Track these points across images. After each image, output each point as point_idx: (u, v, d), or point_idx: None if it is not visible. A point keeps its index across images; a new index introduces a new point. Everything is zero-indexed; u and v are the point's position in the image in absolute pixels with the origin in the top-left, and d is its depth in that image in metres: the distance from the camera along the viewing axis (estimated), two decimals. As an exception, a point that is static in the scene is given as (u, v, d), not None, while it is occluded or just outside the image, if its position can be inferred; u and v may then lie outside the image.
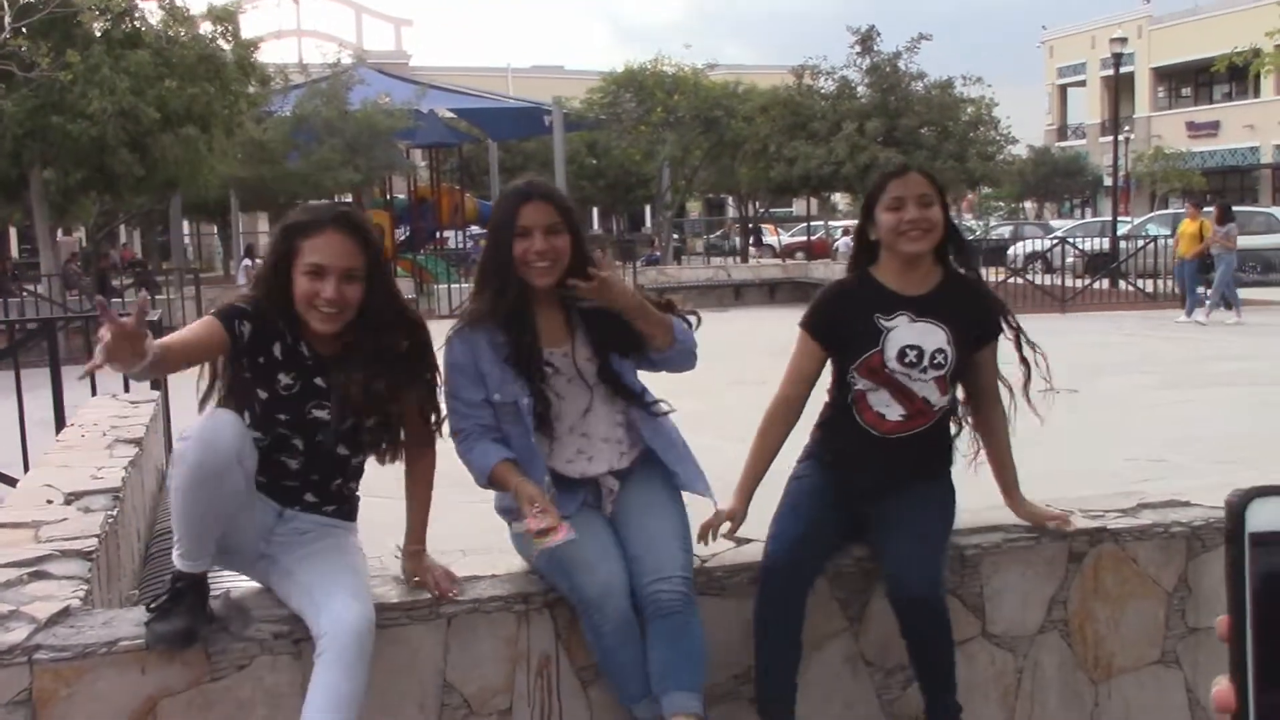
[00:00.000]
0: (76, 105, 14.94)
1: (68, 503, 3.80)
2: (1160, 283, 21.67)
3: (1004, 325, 3.31)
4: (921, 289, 3.27)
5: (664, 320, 3.08)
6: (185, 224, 33.86)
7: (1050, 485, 7.24)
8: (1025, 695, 3.37)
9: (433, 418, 3.07)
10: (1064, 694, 3.41)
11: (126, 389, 6.91)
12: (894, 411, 3.22)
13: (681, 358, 3.15)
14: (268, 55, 19.78)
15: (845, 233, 37.34)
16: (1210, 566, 3.48)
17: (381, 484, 3.18)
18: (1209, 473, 7.64)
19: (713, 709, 2.98)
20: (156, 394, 6.35)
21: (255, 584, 3.04)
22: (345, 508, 3.07)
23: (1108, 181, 47.64)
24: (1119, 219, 27.29)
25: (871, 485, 3.24)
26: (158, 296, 17.36)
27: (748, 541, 3.30)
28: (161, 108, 14.73)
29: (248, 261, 25.81)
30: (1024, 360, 3.32)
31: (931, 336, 3.20)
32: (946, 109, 26.66)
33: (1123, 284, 22.05)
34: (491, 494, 3.15)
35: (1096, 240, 25.23)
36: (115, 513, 3.78)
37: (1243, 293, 20.36)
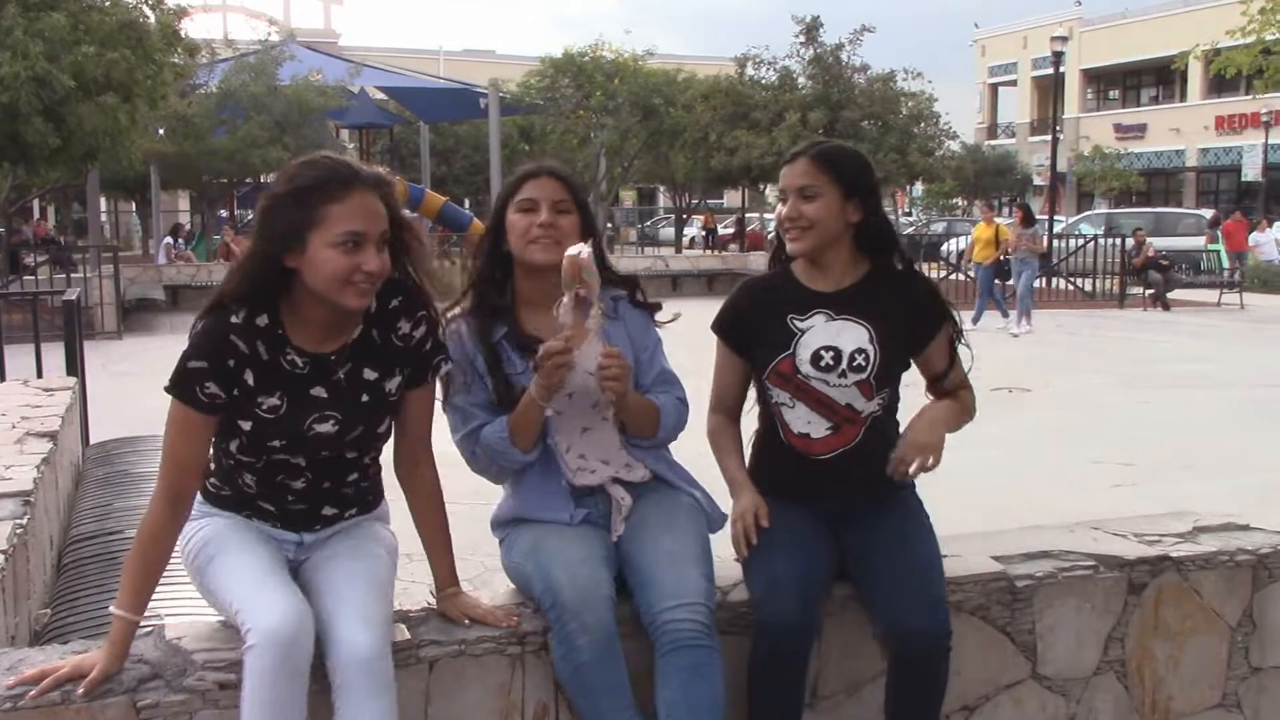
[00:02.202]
0: (-13, 70, 14.08)
1: (-32, 509, 3.27)
2: (1098, 281, 21.71)
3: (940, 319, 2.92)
4: (840, 283, 2.89)
5: (650, 410, 2.77)
6: (103, 200, 32.76)
7: (1018, 490, 7.08)
8: (1075, 743, 2.98)
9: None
10: (1118, 742, 3.03)
11: (39, 373, 6.34)
12: (818, 427, 2.84)
13: (661, 444, 2.86)
14: (194, 29, 18.99)
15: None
16: (1276, 599, 3.12)
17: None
18: (1184, 479, 7.44)
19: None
20: (73, 380, 5.78)
21: (194, 615, 2.57)
22: (369, 499, 2.64)
23: (1037, 180, 48.33)
24: (1044, 219, 27.47)
25: (838, 511, 2.86)
26: (73, 274, 16.56)
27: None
28: (78, 75, 13.89)
29: (169, 240, 25.00)
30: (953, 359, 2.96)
31: (850, 335, 2.82)
32: (888, 102, 26.57)
33: (1059, 282, 22.07)
34: (481, 510, 2.77)
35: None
36: (25, 521, 3.27)
37: (1176, 294, 20.58)
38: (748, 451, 3.02)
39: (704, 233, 39.04)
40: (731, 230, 38.03)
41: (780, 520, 2.77)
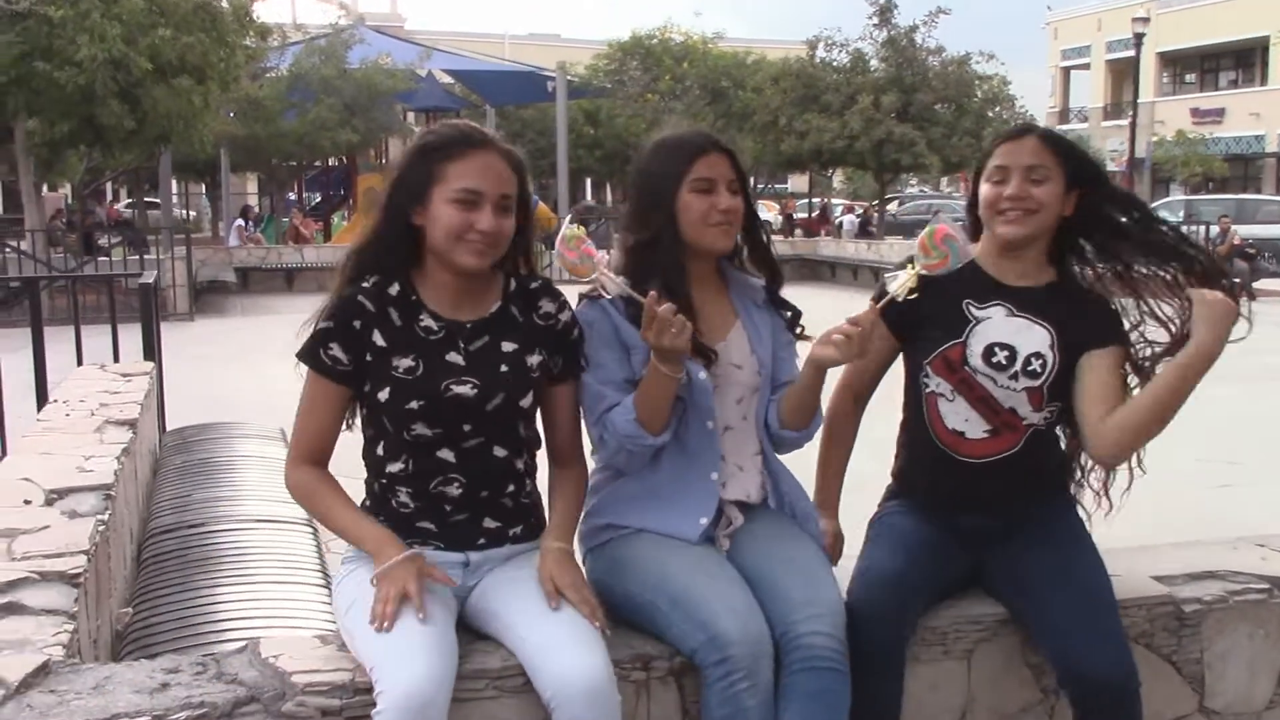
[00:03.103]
0: (64, 52, 14.10)
1: (49, 503, 3.12)
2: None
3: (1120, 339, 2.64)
4: (1027, 281, 2.66)
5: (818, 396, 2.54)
6: (174, 183, 33.08)
7: (1122, 484, 6.72)
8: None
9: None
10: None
11: (116, 358, 6.24)
12: (975, 427, 2.61)
13: (791, 446, 2.63)
14: (265, 13, 19.05)
15: (847, 210, 36.78)
16: None
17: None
18: (1296, 479, 7.08)
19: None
20: (150, 365, 5.66)
21: (295, 630, 2.39)
22: (531, 520, 2.50)
23: (1111, 166, 47.33)
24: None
25: (980, 527, 2.63)
26: (146, 256, 16.64)
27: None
28: (154, 57, 13.92)
29: (240, 222, 25.14)
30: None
31: (1029, 336, 2.59)
32: (963, 85, 26.02)
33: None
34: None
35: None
36: (107, 516, 3.11)
37: (1262, 284, 19.88)
38: (889, 451, 2.80)
39: (781, 218, 38.26)
40: (810, 215, 37.31)
41: (890, 536, 2.59)
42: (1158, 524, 6.16)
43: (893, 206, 35.84)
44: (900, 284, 2.42)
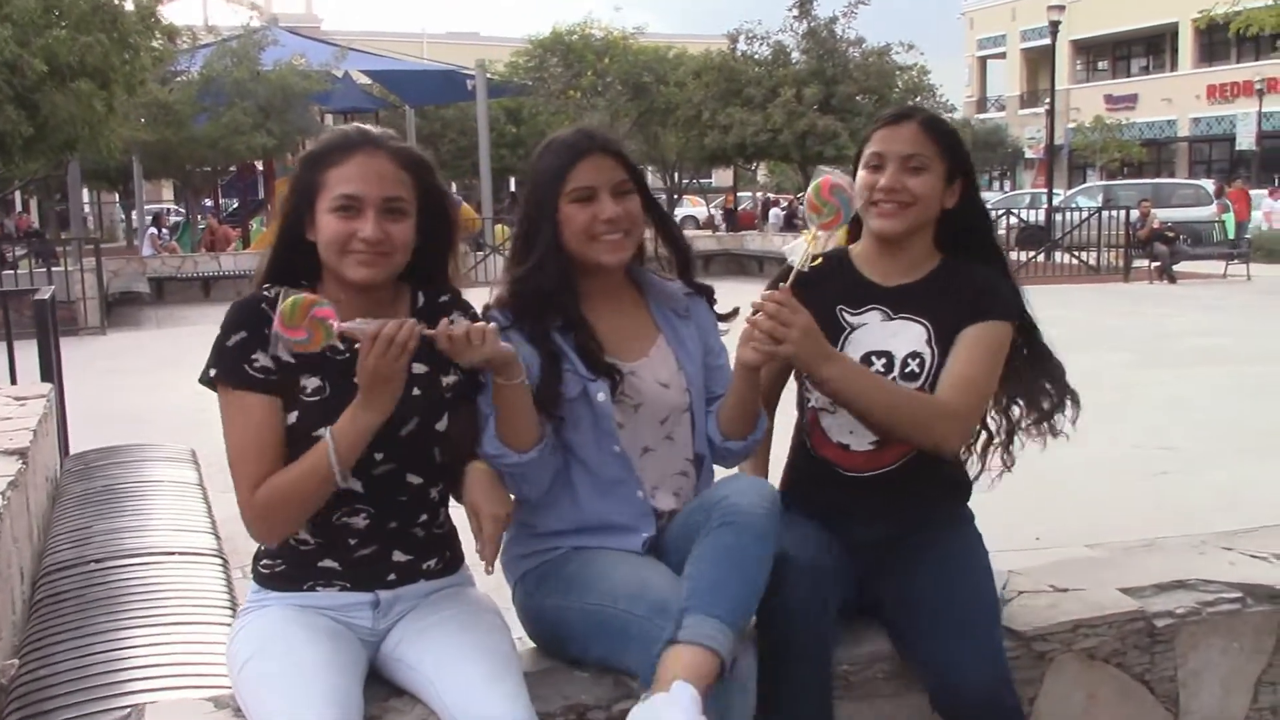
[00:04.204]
0: (-46, 56, 13.52)
1: (-79, 549, 2.83)
2: (1101, 255, 21.29)
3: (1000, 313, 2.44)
4: (905, 277, 2.48)
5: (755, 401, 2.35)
6: (85, 191, 32.23)
7: (1061, 482, 6.64)
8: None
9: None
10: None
11: (13, 379, 5.90)
12: (861, 439, 2.44)
13: (739, 457, 2.45)
14: (174, 15, 18.48)
15: (773, 204, 36.82)
16: None
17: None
18: (1234, 464, 7.05)
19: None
20: (48, 387, 5.32)
21: (203, 678, 2.17)
22: (447, 554, 2.29)
23: (1028, 154, 47.94)
24: (1040, 191, 27.07)
25: (871, 540, 2.45)
26: (54, 269, 16.07)
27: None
28: (50, 59, 13.36)
29: (153, 230, 24.54)
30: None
31: (905, 336, 2.42)
32: (884, 76, 26.10)
33: (1062, 256, 21.67)
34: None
35: (1029, 213, 24.97)
36: (-12, 560, 2.83)
37: (1181, 266, 20.17)
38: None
39: (722, 212, 37.74)
40: (752, 209, 37.03)
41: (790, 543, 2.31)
42: (1099, 513, 6.11)
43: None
44: (801, 254, 2.23)
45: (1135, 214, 21.11)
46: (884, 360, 2.42)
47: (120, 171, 29.80)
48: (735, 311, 2.53)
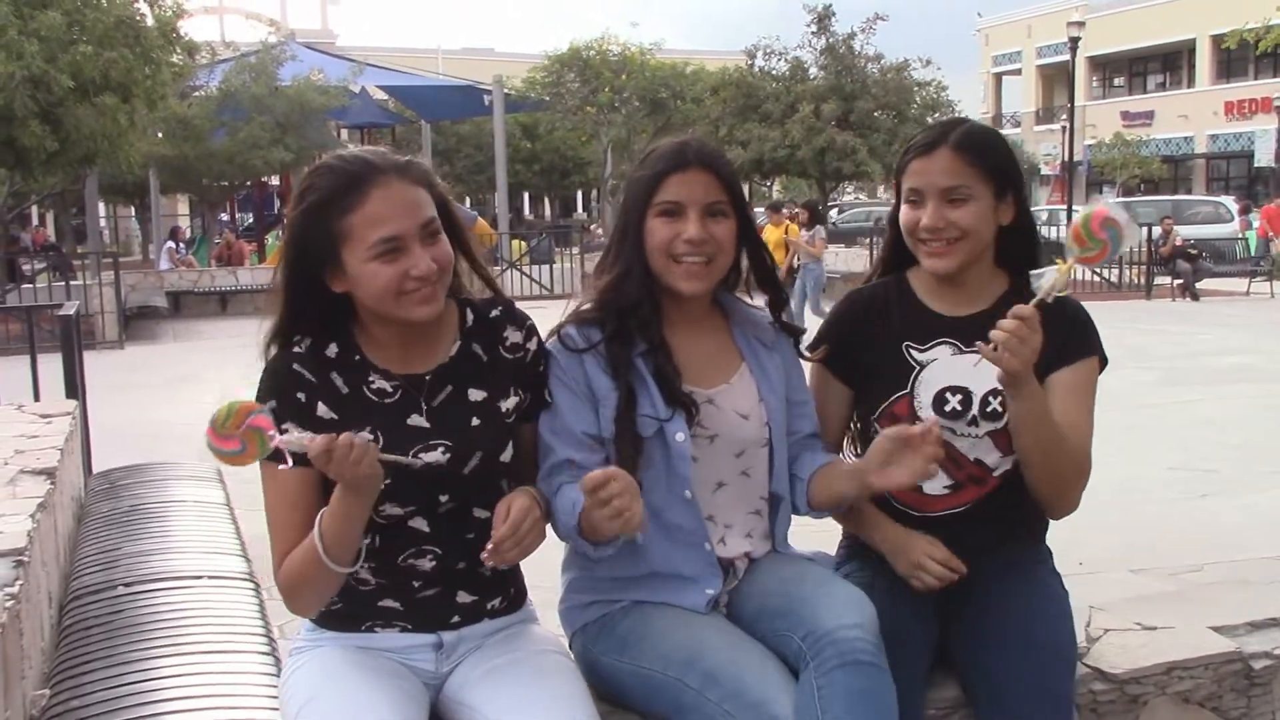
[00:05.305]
0: (-20, 71, 13.55)
1: (-51, 574, 2.73)
2: (1123, 272, 21.14)
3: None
4: (973, 305, 2.33)
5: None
6: (102, 206, 32.31)
7: (1105, 508, 6.46)
8: None
9: None
10: None
11: (36, 395, 5.82)
12: (935, 483, 2.29)
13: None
14: (193, 31, 18.51)
15: (792, 218, 36.66)
16: None
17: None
18: (1272, 484, 6.90)
19: None
20: (73, 404, 5.24)
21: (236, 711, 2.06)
22: (511, 590, 2.16)
23: (1044, 170, 47.78)
24: (1058, 208, 26.94)
25: (947, 585, 2.29)
26: (73, 282, 16.05)
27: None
28: (76, 75, 13.38)
29: (170, 244, 24.55)
30: None
31: (982, 372, 2.23)
32: (903, 92, 26.06)
33: (1084, 273, 21.52)
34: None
35: (1047, 229, 24.83)
36: (18, 588, 2.72)
37: (1203, 284, 20.01)
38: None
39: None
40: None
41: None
42: (1141, 536, 5.97)
43: (832, 214, 35.89)
44: (1050, 283, 2.05)
45: (1158, 231, 20.96)
46: (960, 397, 2.28)
47: (137, 186, 29.84)
48: (818, 345, 2.41)
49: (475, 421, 2.03)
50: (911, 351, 2.32)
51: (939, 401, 2.28)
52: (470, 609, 2.09)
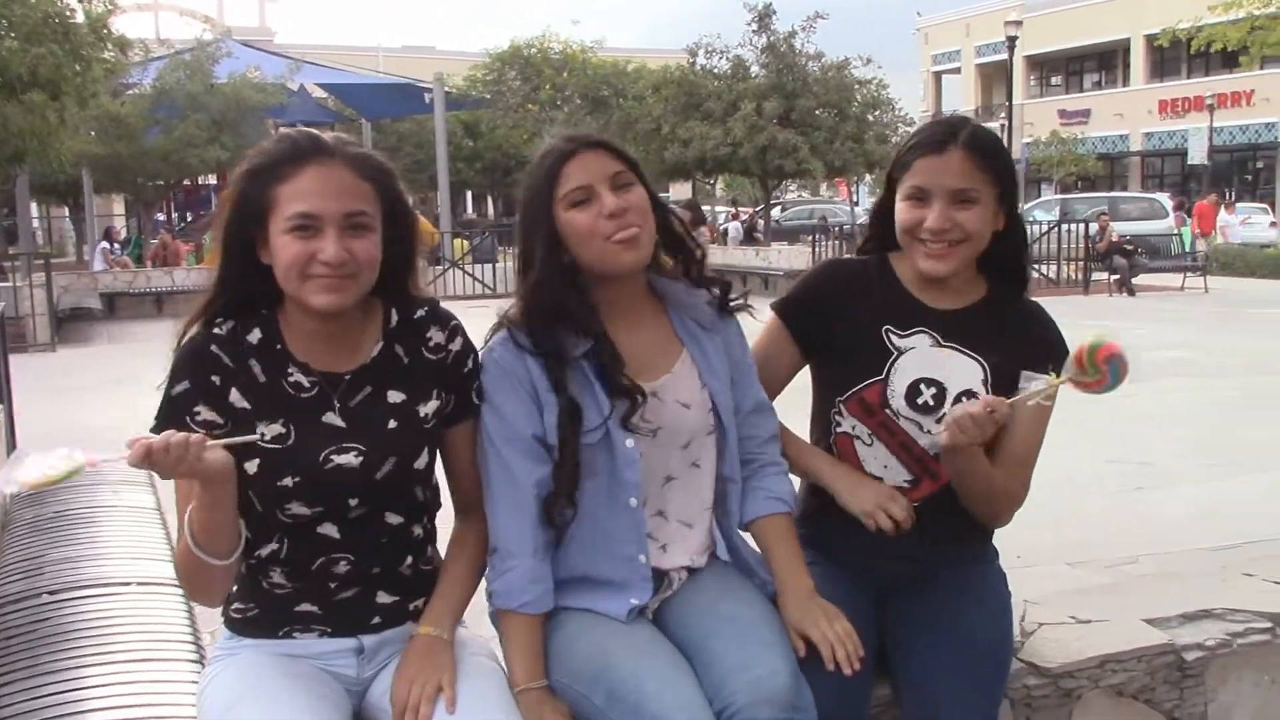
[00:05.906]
0: (-98, 68, 13.20)
1: None
2: (1060, 268, 21.41)
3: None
4: (953, 304, 2.30)
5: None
6: (33, 206, 31.71)
7: (1039, 490, 6.55)
8: None
9: None
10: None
11: (-40, 399, 5.67)
12: (895, 475, 2.28)
13: None
14: (126, 28, 18.17)
15: (734, 216, 36.67)
16: None
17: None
18: (1210, 478, 7.02)
19: None
20: (-2, 408, 5.12)
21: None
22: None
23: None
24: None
25: (889, 577, 2.30)
26: (3, 284, 15.72)
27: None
28: (1, 71, 13.09)
29: (105, 244, 24.11)
30: None
31: (958, 370, 2.25)
32: (843, 90, 26.21)
33: (1022, 269, 21.76)
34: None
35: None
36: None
37: (1139, 279, 20.32)
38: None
39: (741, 227, 36.42)
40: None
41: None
42: (1077, 530, 6.03)
43: (775, 212, 35.97)
44: (1035, 390, 2.02)
45: (1094, 227, 21.26)
46: (934, 390, 2.24)
47: (70, 185, 29.32)
48: (789, 304, 2.38)
49: (392, 424, 1.97)
50: (891, 336, 2.27)
51: (912, 392, 2.25)
52: (392, 610, 2.04)
